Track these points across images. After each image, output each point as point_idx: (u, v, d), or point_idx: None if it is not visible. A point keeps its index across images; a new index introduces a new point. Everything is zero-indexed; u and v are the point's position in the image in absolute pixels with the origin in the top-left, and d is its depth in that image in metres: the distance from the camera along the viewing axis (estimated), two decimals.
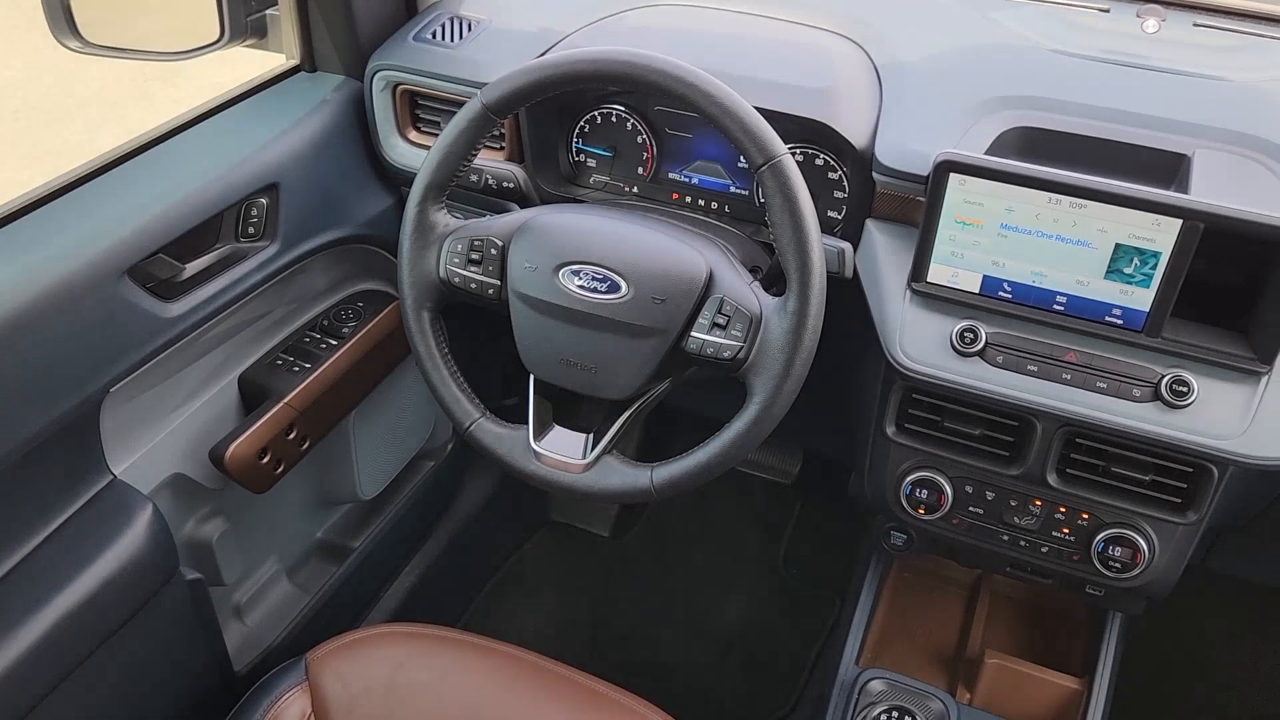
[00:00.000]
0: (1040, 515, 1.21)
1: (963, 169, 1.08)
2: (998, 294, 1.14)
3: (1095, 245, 1.08)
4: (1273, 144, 1.16)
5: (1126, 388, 1.10)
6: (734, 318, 1.06)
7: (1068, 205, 1.06)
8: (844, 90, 1.26)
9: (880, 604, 1.56)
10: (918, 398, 1.21)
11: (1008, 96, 1.24)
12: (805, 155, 1.29)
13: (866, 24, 1.37)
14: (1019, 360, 1.13)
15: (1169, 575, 1.20)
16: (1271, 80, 1.26)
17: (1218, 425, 1.07)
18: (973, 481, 1.23)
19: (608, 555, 2.20)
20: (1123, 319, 1.10)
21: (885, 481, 1.27)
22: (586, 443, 1.14)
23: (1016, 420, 1.17)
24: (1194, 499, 1.14)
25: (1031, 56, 1.31)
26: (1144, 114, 1.21)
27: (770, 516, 2.22)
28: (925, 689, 1.35)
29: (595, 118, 1.39)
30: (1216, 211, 1.01)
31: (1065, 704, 1.41)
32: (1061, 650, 1.53)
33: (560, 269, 1.10)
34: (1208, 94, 1.24)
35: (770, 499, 2.23)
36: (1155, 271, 1.06)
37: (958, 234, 1.13)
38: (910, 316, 1.17)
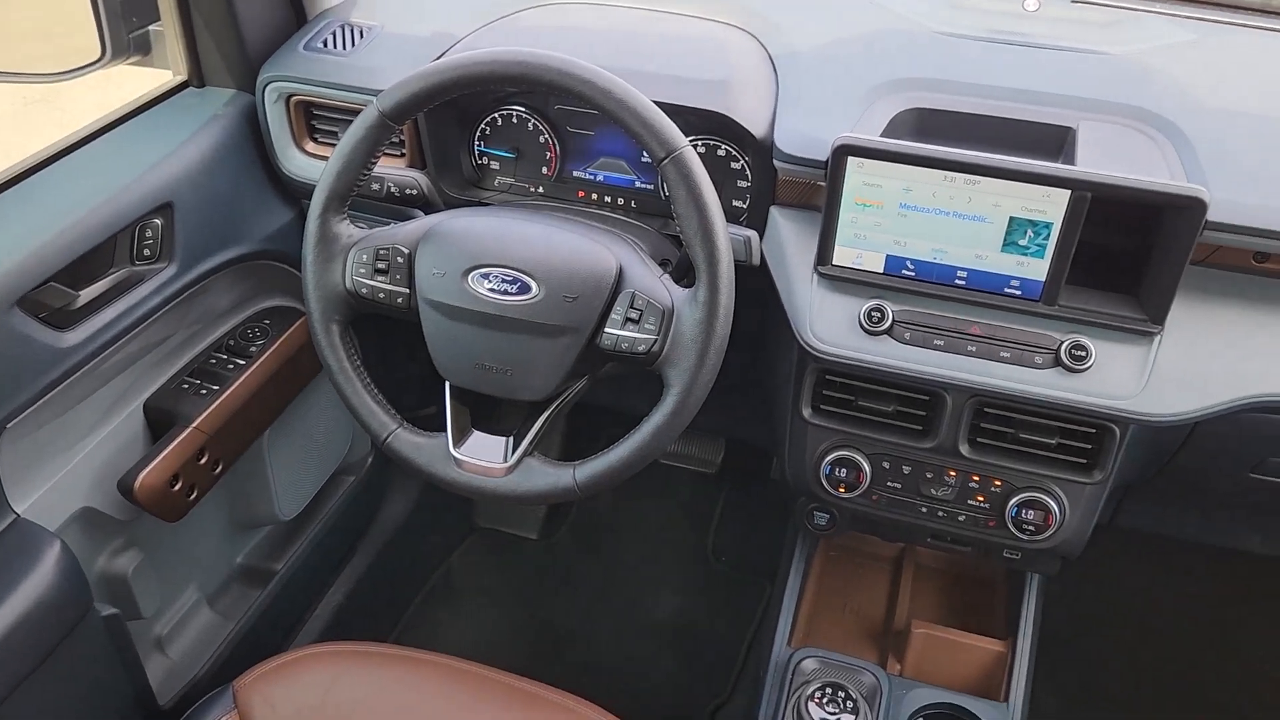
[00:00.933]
0: (955, 485, 1.25)
1: (860, 152, 1.10)
2: (901, 272, 1.17)
3: (990, 220, 1.11)
4: (1152, 113, 1.21)
5: (1028, 356, 1.14)
6: (646, 311, 1.07)
7: (962, 182, 1.09)
8: (741, 81, 1.27)
9: (808, 584, 1.58)
10: (831, 379, 1.23)
11: (899, 79, 1.27)
12: (707, 147, 1.30)
13: (760, 15, 1.39)
14: (925, 336, 1.16)
15: (1080, 534, 1.24)
16: (1148, 53, 1.31)
17: (1116, 386, 1.11)
18: (889, 457, 1.26)
19: (537, 557, 2.19)
20: (1021, 289, 1.14)
21: (805, 463, 1.29)
22: (507, 446, 1.14)
23: (927, 394, 1.20)
24: (1098, 459, 1.18)
25: (920, 39, 1.34)
26: (1029, 90, 1.25)
27: (697, 507, 2.24)
28: (856, 663, 1.37)
29: (496, 120, 1.38)
30: (1101, 180, 1.05)
31: (992, 666, 1.45)
32: (985, 615, 1.58)
33: (469, 273, 1.09)
34: (1089, 68, 1.29)
35: (696, 489, 2.24)
36: (1048, 242, 1.10)
37: (859, 216, 1.15)
38: (819, 299, 1.19)
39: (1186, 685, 1.91)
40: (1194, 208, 1.03)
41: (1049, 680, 1.88)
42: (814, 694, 1.27)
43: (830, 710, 1.26)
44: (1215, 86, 1.25)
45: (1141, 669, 1.94)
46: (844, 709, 1.26)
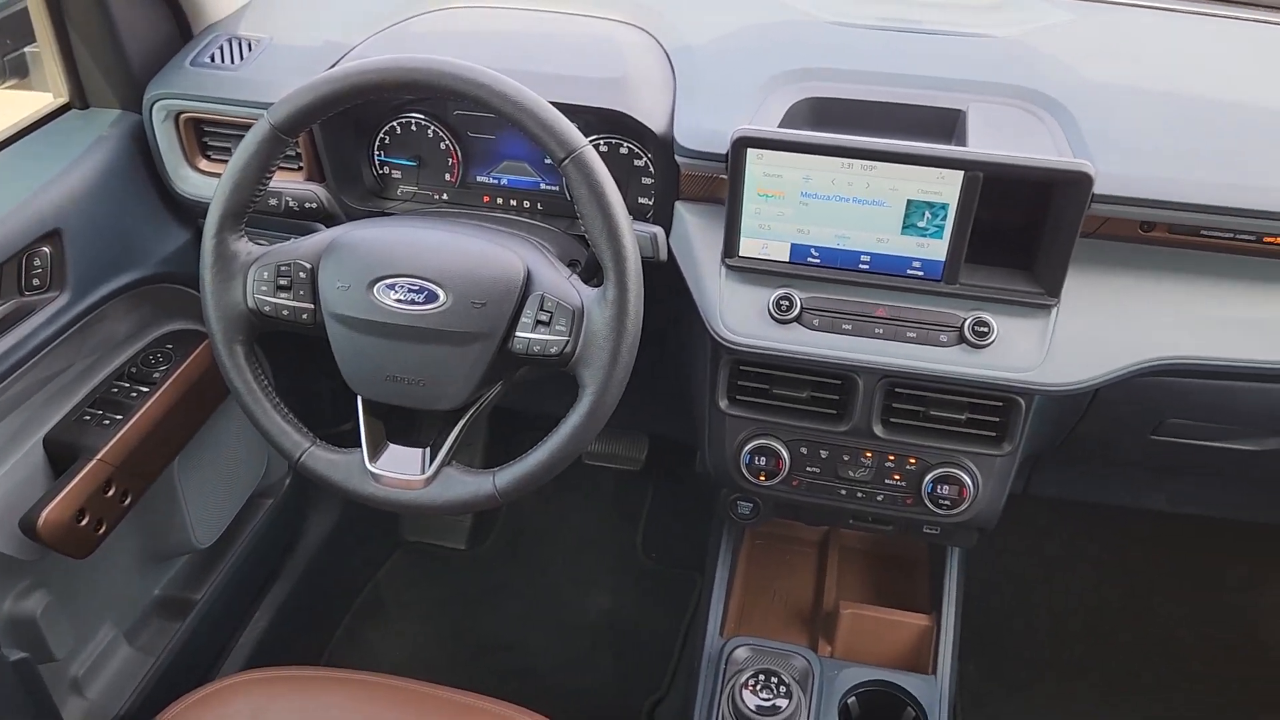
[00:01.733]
0: (872, 466, 1.27)
1: (758, 143, 1.12)
2: (806, 260, 1.19)
3: (889, 204, 1.13)
4: (1037, 93, 1.24)
5: (934, 334, 1.16)
6: (556, 313, 1.07)
7: (859, 168, 1.11)
8: (638, 78, 1.27)
9: (737, 574, 1.60)
10: (745, 369, 1.25)
11: (794, 70, 1.28)
12: (609, 145, 1.30)
13: (654, 11, 1.40)
14: (833, 321, 1.18)
15: (994, 506, 1.27)
16: (1031, 33, 1.35)
17: (1018, 359, 1.14)
18: (807, 443, 1.28)
19: (467, 567, 2.17)
20: (923, 270, 1.16)
21: (725, 454, 1.30)
22: (424, 457, 1.12)
23: (839, 379, 1.22)
24: (1007, 430, 1.21)
25: (813, 30, 1.37)
26: (920, 75, 1.27)
27: (624, 505, 2.24)
28: (788, 648, 1.39)
29: (395, 128, 1.37)
30: (992, 160, 1.07)
31: (919, 640, 1.48)
32: (910, 591, 1.61)
33: (374, 284, 1.08)
34: (976, 51, 1.32)
35: (622, 488, 2.25)
36: (946, 223, 1.12)
37: (762, 206, 1.16)
38: (728, 291, 1.20)
39: (1104, 647, 1.98)
40: (1081, 182, 1.06)
41: (975, 649, 1.93)
42: (747, 681, 1.28)
43: (764, 697, 1.27)
44: (1095, 63, 1.29)
45: (1062, 633, 2.00)
46: (778, 694, 1.27)
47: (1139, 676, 1.93)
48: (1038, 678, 1.93)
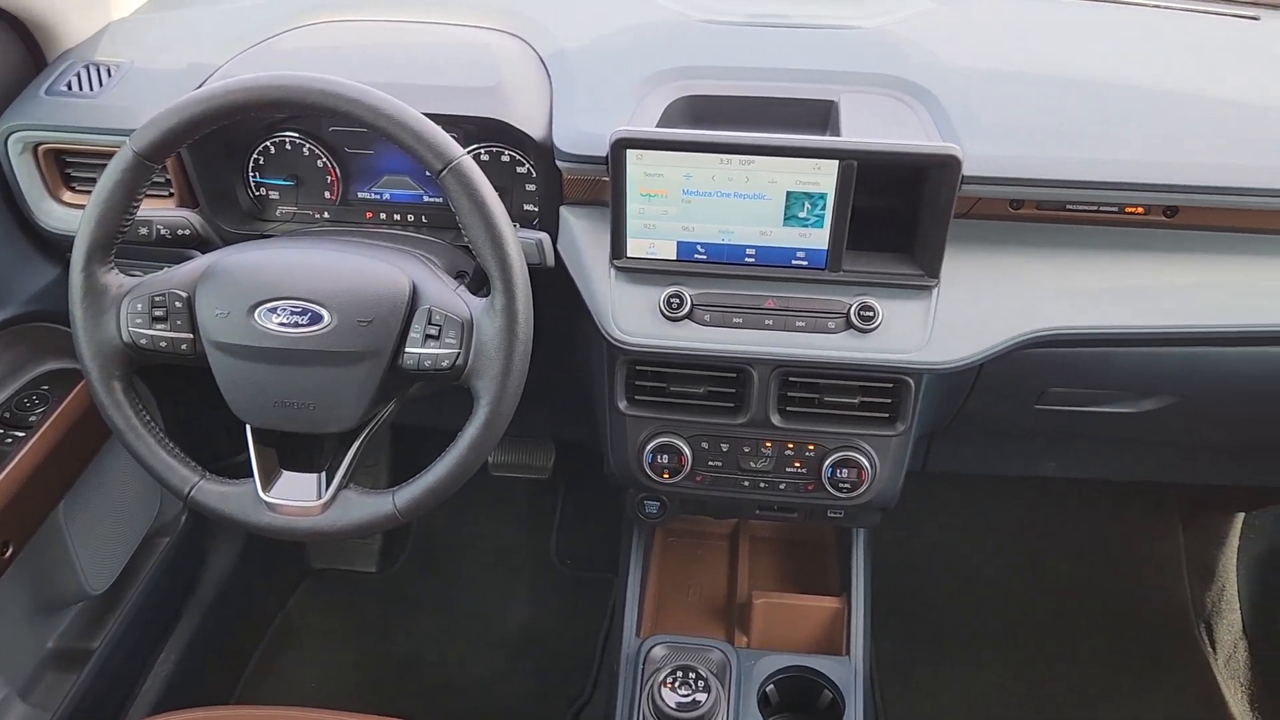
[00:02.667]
0: (773, 455, 1.28)
1: (637, 144, 1.12)
2: (694, 257, 1.20)
3: (769, 196, 1.14)
4: (905, 80, 1.28)
5: (822, 322, 1.18)
6: (445, 326, 1.05)
7: (738, 163, 1.13)
8: (514, 85, 1.27)
9: (651, 573, 1.60)
10: (641, 368, 1.25)
11: (669, 69, 1.29)
12: (490, 154, 1.29)
13: (525, 17, 1.39)
14: (724, 315, 1.19)
15: (892, 485, 1.30)
16: (896, 23, 1.39)
17: (904, 340, 1.17)
18: (708, 437, 1.29)
19: (380, 589, 2.14)
20: (807, 260, 1.18)
21: (628, 454, 1.30)
22: (320, 482, 1.10)
23: (734, 372, 1.24)
24: (899, 411, 1.24)
25: (685, 29, 1.38)
26: (792, 68, 1.30)
27: (535, 513, 2.23)
28: (704, 643, 1.40)
29: (269, 148, 1.33)
30: (864, 148, 1.10)
31: (831, 623, 1.50)
32: (820, 575, 1.63)
33: (255, 309, 1.05)
34: (844, 43, 1.35)
35: (532, 496, 2.23)
36: (825, 212, 1.15)
37: (646, 206, 1.17)
38: (618, 293, 1.21)
39: (1008, 613, 2.05)
40: (950, 165, 1.10)
41: (887, 626, 1.97)
42: (666, 679, 1.29)
43: (684, 693, 1.28)
44: (959, 50, 1.33)
45: (969, 603, 2.06)
46: (696, 689, 1.28)
47: (1041, 638, 2.00)
48: (950, 649, 1.98)
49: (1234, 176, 1.15)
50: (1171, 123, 1.22)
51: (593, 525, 2.19)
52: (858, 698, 1.36)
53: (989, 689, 1.92)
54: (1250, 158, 1.17)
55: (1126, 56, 1.35)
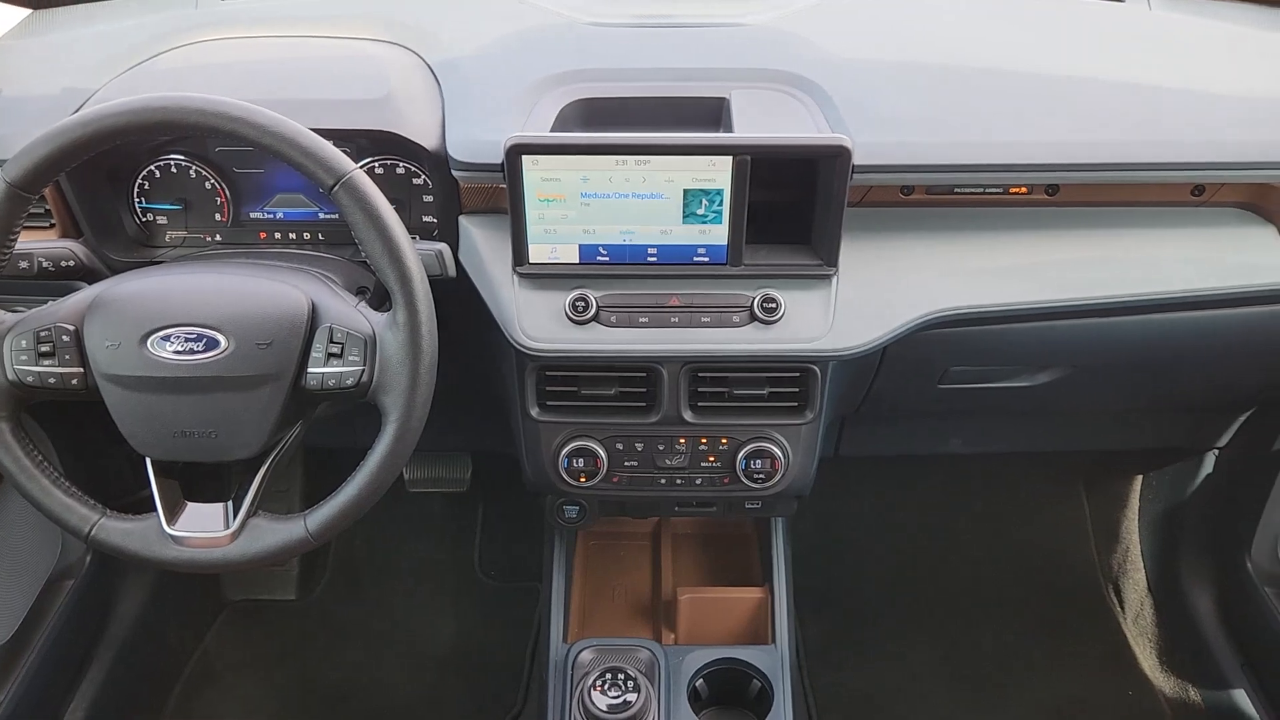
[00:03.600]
0: (687, 451, 1.29)
1: (532, 149, 1.12)
2: (596, 259, 1.20)
3: (667, 195, 1.15)
4: (794, 75, 1.30)
5: (726, 316, 1.20)
6: (347, 344, 1.04)
7: (633, 164, 1.13)
8: (404, 96, 1.26)
9: (575, 578, 1.60)
10: (551, 373, 1.25)
11: (561, 73, 1.29)
12: (384, 167, 1.28)
13: (411, 27, 1.38)
14: (630, 315, 1.20)
15: (805, 472, 1.32)
16: (782, 19, 1.41)
17: (807, 330, 1.19)
18: (622, 438, 1.29)
19: (302, 616, 2.09)
20: (708, 256, 1.20)
21: (543, 460, 1.30)
22: (227, 511, 1.07)
23: (644, 371, 1.24)
24: (807, 399, 1.26)
25: (574, 33, 1.38)
26: (682, 67, 1.31)
27: (457, 527, 2.21)
28: (632, 643, 1.40)
29: (154, 172, 1.30)
30: (756, 143, 1.11)
31: (756, 613, 1.52)
32: (743, 566, 1.65)
33: (147, 338, 1.02)
34: (732, 40, 1.37)
35: (452, 510, 2.21)
36: (723, 208, 1.16)
37: (545, 211, 1.17)
38: (523, 299, 1.20)
39: (926, 588, 2.10)
40: (841, 155, 1.12)
41: (814, 612, 2.00)
42: (595, 683, 1.29)
43: (613, 695, 1.28)
44: (844, 43, 1.36)
45: (889, 582, 2.11)
46: (626, 690, 1.28)
47: (960, 611, 2.06)
48: (873, 629, 2.02)
49: (1108, 153, 1.20)
50: (1049, 104, 1.26)
51: (515, 535, 2.18)
52: (785, 684, 1.38)
53: (913, 666, 1.96)
54: (1123, 134, 1.22)
55: (1004, 42, 1.39)
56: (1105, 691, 1.92)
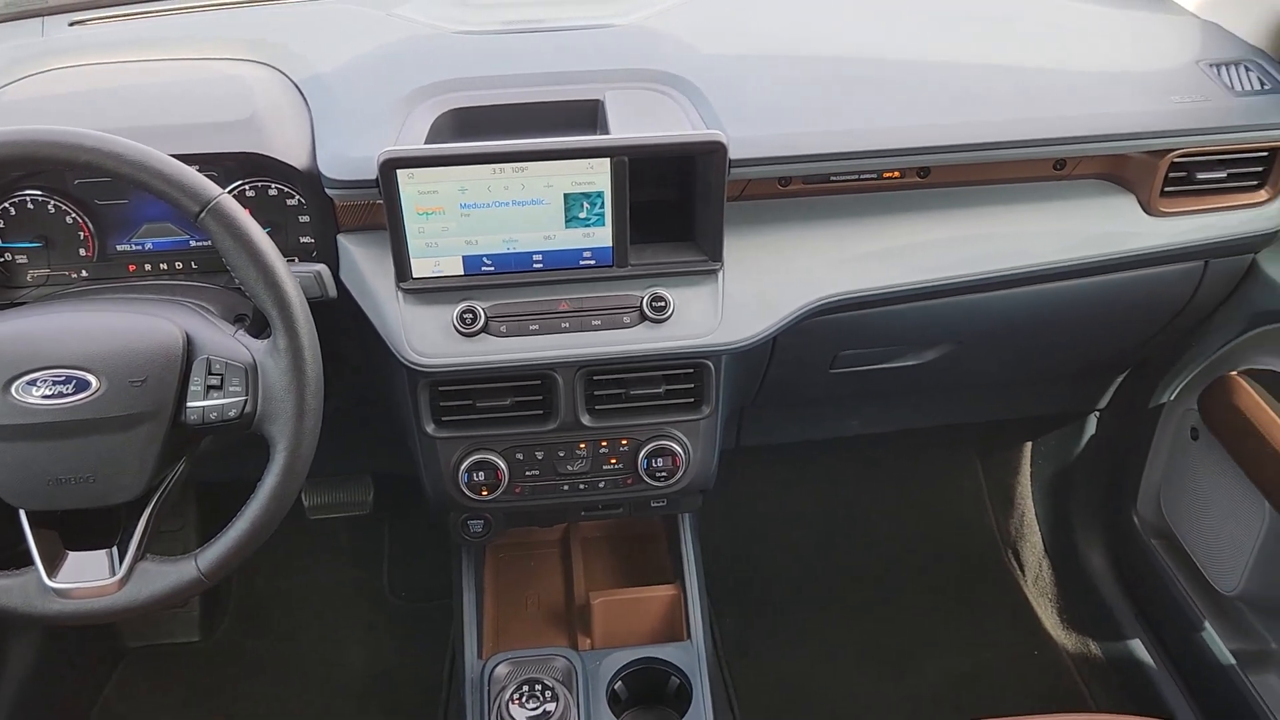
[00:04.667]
0: (588, 455, 1.29)
1: (406, 163, 1.10)
2: (481, 270, 1.19)
3: (547, 201, 1.15)
4: (666, 73, 1.30)
5: (617, 317, 1.20)
6: (227, 374, 1.01)
7: (511, 171, 1.12)
8: (271, 116, 1.22)
9: (486, 592, 1.58)
10: (444, 388, 1.23)
11: (431, 84, 1.28)
12: (255, 189, 1.24)
13: (273, 45, 1.34)
14: (520, 324, 1.19)
15: (707, 466, 1.33)
16: (650, 18, 1.42)
17: (697, 325, 1.20)
18: (521, 448, 1.28)
19: (207, 657, 2.02)
20: (594, 258, 1.19)
21: (443, 477, 1.28)
22: (113, 557, 1.03)
23: (539, 378, 1.23)
24: (703, 394, 1.27)
25: (442, 42, 1.36)
26: (554, 71, 1.30)
27: (362, 551, 2.16)
28: (547, 653, 1.39)
29: (9, 209, 1.24)
30: (633, 143, 1.12)
31: (670, 611, 1.53)
32: (655, 565, 1.66)
33: (12, 384, 0.97)
34: (602, 41, 1.37)
35: (356, 534, 2.17)
36: (605, 210, 1.16)
37: (425, 225, 1.15)
38: (409, 316, 1.18)
39: (835, 571, 2.14)
40: (716, 151, 1.13)
41: (729, 604, 2.02)
42: (513, 696, 1.28)
43: (532, 706, 1.27)
44: (713, 39, 1.37)
45: (798, 568, 2.14)
46: (544, 700, 1.28)
47: (869, 590, 2.10)
48: (787, 617, 2.05)
49: (973, 134, 1.24)
50: (918, 89, 1.30)
51: (423, 553, 2.15)
52: (703, 679, 1.39)
53: (829, 648, 2.00)
54: (987, 115, 1.26)
55: (872, 29, 1.42)
56: (1012, 654, 1.98)
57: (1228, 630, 1.62)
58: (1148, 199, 1.32)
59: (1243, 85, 1.33)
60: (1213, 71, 1.35)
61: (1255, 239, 1.37)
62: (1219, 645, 1.61)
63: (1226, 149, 1.30)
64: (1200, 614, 1.65)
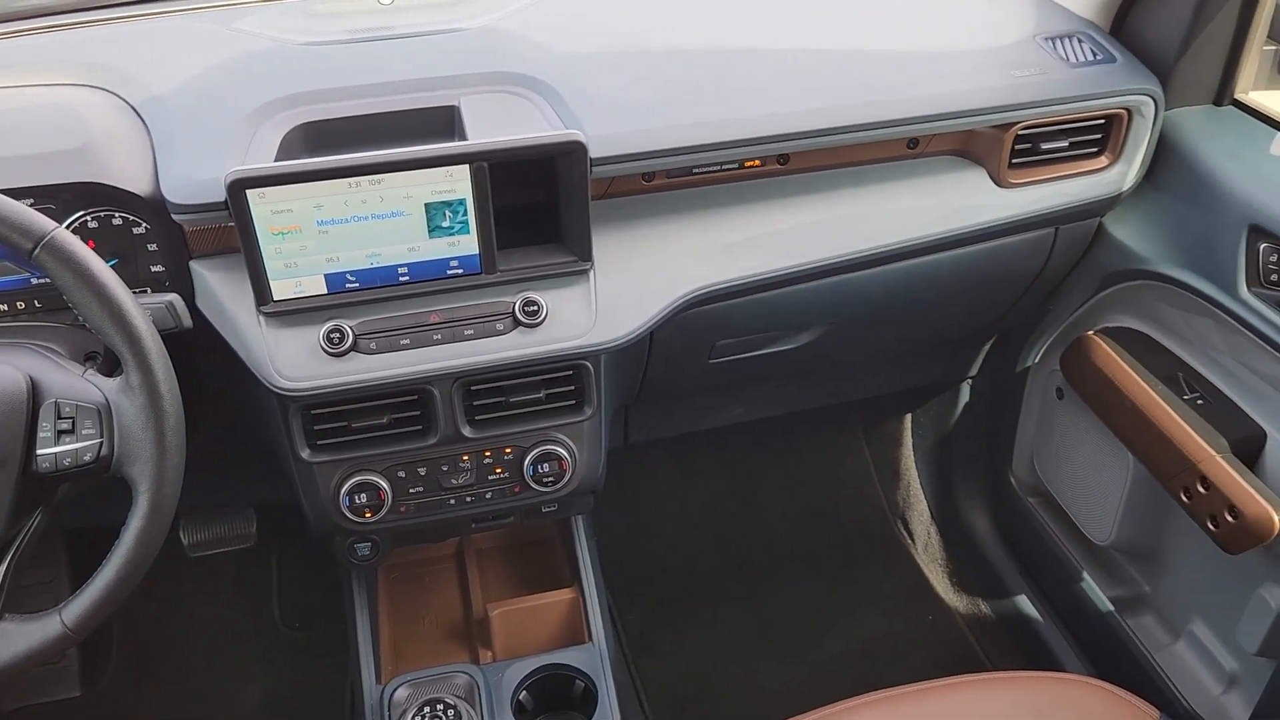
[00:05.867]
0: (472, 467, 1.27)
1: (256, 182, 1.06)
2: (345, 287, 1.15)
3: (408, 212, 1.12)
4: (520, 75, 1.29)
5: (490, 325, 1.18)
6: (78, 417, 0.95)
7: (367, 184, 1.09)
8: (106, 142, 1.16)
9: (381, 614, 1.54)
10: (317, 412, 1.20)
11: (279, 99, 1.23)
12: (98, 219, 1.18)
13: (105, 67, 1.28)
14: (391, 340, 1.16)
15: (595, 466, 1.32)
16: (501, 20, 1.40)
17: (572, 327, 1.19)
18: (403, 466, 1.25)
19: (91, 712, 1.92)
20: (461, 267, 1.17)
21: (323, 502, 1.25)
22: None
23: (415, 394, 1.21)
24: (584, 395, 1.26)
25: (287, 56, 1.32)
26: (407, 79, 1.27)
27: (251, 584, 2.09)
28: (447, 670, 1.37)
29: None
30: (491, 148, 1.10)
31: (570, 614, 1.52)
32: (553, 570, 1.64)
33: None
34: (453, 46, 1.35)
35: (242, 567, 2.09)
36: (468, 217, 1.14)
37: (282, 245, 1.11)
38: (273, 340, 1.14)
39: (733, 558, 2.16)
40: (576, 151, 1.12)
41: (631, 601, 2.02)
42: (413, 719, 1.25)
43: None
44: (566, 38, 1.36)
45: (696, 558, 2.16)
46: (447, 719, 1.25)
47: (768, 573, 2.13)
48: (690, 606, 2.06)
49: (828, 119, 1.26)
50: (772, 77, 1.32)
51: (314, 581, 2.09)
52: (607, 679, 1.39)
53: (732, 634, 2.02)
54: (839, 99, 1.29)
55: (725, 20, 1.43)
56: (907, 622, 2.04)
57: (1104, 578, 1.70)
58: (997, 172, 1.37)
59: (1077, 57, 1.39)
60: (1049, 45, 1.40)
61: (1100, 203, 1.43)
62: (1097, 593, 1.68)
63: (1066, 119, 1.36)
64: (1078, 565, 1.72)
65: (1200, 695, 1.50)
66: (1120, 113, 1.37)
